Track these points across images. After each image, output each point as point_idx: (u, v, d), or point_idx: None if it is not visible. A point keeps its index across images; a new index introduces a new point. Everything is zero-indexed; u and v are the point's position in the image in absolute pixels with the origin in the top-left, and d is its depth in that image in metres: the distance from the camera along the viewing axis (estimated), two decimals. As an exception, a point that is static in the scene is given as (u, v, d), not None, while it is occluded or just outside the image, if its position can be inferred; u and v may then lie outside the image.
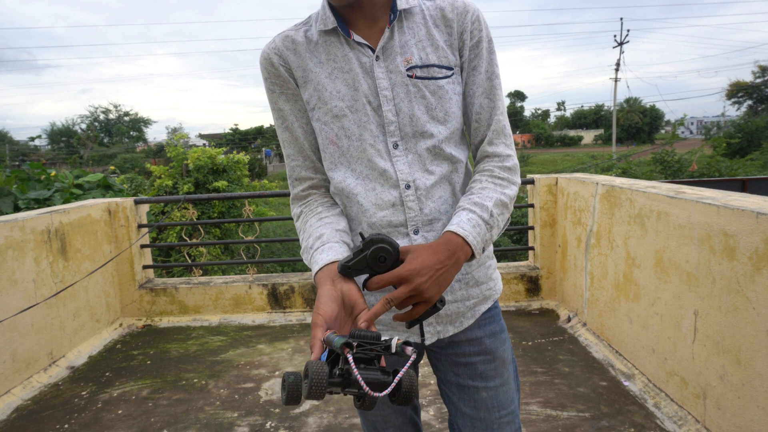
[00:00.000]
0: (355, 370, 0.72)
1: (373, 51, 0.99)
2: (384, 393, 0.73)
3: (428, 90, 0.99)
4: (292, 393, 0.75)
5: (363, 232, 0.98)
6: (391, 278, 0.85)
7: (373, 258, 0.85)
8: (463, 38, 1.01)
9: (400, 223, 1.00)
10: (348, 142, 1.00)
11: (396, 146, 0.99)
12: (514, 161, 1.04)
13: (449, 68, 1.00)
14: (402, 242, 1.00)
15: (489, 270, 1.11)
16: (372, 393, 0.72)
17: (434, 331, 1.05)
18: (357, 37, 0.98)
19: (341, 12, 1.00)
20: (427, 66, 0.99)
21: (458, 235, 0.92)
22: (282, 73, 1.02)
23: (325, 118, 1.00)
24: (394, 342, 0.76)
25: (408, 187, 0.99)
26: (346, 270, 0.86)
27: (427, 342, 1.07)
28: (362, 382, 0.71)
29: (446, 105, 1.00)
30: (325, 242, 0.97)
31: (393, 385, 0.74)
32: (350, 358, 0.72)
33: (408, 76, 0.98)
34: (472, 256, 0.94)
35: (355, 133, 0.99)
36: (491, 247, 1.12)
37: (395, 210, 1.00)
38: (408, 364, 0.75)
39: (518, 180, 1.04)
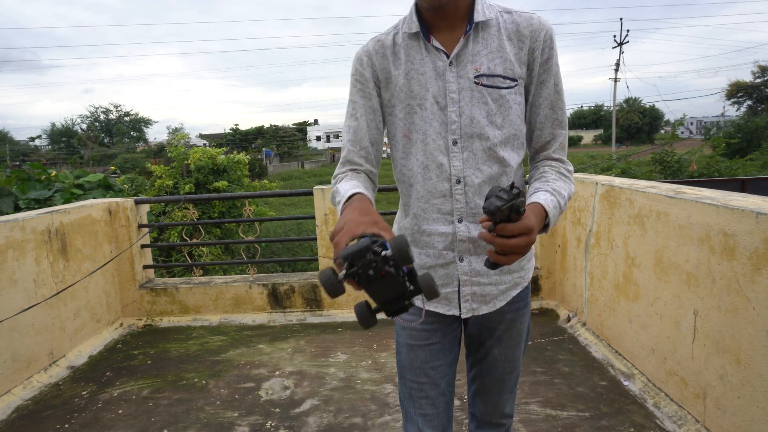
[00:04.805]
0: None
1: (448, 56, 1.12)
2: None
3: (491, 97, 1.12)
4: (332, 284, 0.77)
5: (516, 184, 0.97)
6: (521, 227, 0.91)
7: (516, 208, 0.90)
8: (534, 55, 1.13)
9: (448, 212, 1.16)
10: (416, 135, 1.16)
11: (455, 143, 1.14)
12: (572, 168, 1.21)
13: (513, 79, 1.13)
14: (446, 228, 1.16)
15: (522, 261, 1.24)
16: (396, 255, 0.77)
17: (470, 308, 1.21)
18: (435, 43, 1.13)
19: (426, 16, 1.14)
20: (493, 76, 1.12)
21: (544, 209, 1.04)
22: (366, 74, 1.19)
23: (400, 114, 1.18)
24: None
25: (458, 182, 1.14)
26: (497, 209, 0.87)
27: (464, 315, 1.22)
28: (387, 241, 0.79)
29: (505, 112, 1.13)
30: (356, 186, 1.09)
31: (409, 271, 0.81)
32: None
33: (475, 83, 1.11)
34: (543, 231, 1.06)
35: (421, 128, 1.15)
36: None
37: (445, 200, 1.16)
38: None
39: (574, 184, 1.20)
